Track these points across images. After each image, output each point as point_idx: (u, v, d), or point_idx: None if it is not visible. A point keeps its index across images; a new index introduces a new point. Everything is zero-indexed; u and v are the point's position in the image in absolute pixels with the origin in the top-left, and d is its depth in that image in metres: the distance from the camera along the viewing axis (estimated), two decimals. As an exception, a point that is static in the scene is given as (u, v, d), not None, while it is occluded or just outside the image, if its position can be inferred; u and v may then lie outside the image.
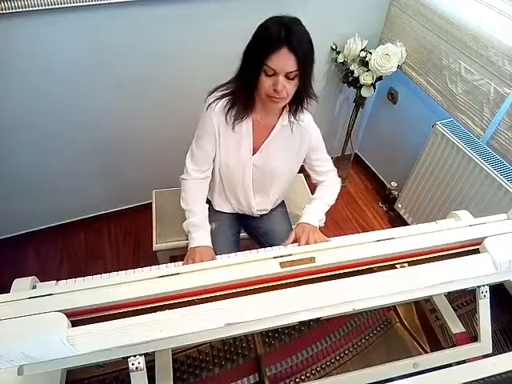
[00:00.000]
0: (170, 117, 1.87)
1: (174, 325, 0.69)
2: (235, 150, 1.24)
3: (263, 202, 1.43)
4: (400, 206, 2.20)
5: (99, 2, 1.39)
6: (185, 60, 1.68)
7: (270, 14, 1.09)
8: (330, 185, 1.38)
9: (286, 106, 1.18)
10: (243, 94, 1.14)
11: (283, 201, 1.57)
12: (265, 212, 1.48)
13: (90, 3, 1.39)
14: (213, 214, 1.44)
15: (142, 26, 1.54)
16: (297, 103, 1.17)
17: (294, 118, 1.20)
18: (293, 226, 1.35)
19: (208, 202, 1.45)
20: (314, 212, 1.30)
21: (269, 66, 1.02)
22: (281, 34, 0.99)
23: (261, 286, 0.84)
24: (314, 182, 1.42)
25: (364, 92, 1.98)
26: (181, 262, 1.16)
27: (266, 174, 1.31)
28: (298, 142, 1.27)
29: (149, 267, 1.05)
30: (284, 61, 1.02)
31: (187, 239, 1.52)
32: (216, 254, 1.20)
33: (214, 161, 1.27)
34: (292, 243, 1.19)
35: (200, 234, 1.23)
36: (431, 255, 0.94)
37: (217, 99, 1.17)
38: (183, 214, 1.28)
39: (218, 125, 1.18)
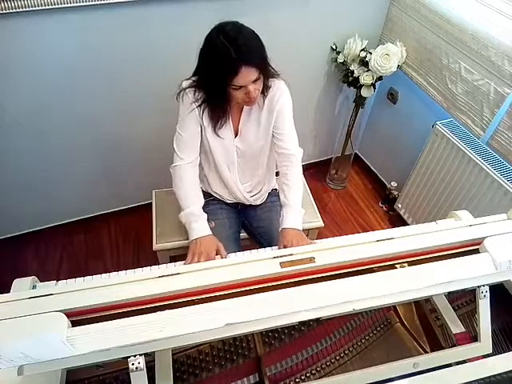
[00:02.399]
0: (170, 117, 1.87)
1: (174, 325, 0.69)
2: (217, 138, 1.26)
3: (254, 185, 1.43)
4: (400, 205, 2.20)
5: (100, 2, 1.39)
6: (186, 61, 1.68)
7: (267, 14, 1.09)
8: (294, 171, 1.30)
9: None
10: (218, 107, 1.17)
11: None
12: (259, 198, 1.48)
13: (91, 3, 1.38)
14: (212, 212, 1.44)
15: (144, 26, 1.54)
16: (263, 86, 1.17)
17: (262, 93, 1.20)
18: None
19: (207, 195, 1.45)
20: (297, 214, 1.26)
21: (235, 85, 1.06)
22: (232, 54, 1.00)
23: (261, 285, 0.84)
24: (277, 163, 1.35)
25: (364, 92, 1.98)
26: (180, 262, 1.16)
27: (250, 154, 1.33)
28: (267, 110, 1.26)
29: (149, 267, 1.05)
30: (246, 76, 1.04)
31: (187, 239, 1.53)
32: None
33: (201, 144, 1.28)
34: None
35: (201, 224, 1.22)
36: (431, 255, 0.94)
37: (191, 88, 1.19)
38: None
39: (197, 107, 1.20)
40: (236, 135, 1.29)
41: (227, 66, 1.02)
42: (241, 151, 1.31)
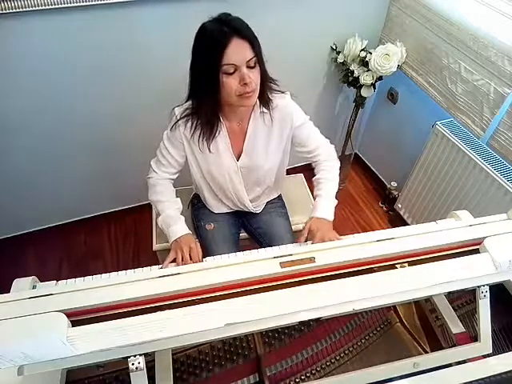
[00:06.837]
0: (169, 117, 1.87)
1: (174, 325, 0.69)
2: (215, 161, 1.24)
3: (258, 197, 1.42)
4: (400, 205, 2.20)
5: (99, 2, 1.39)
6: (184, 61, 1.69)
7: (267, 14, 1.09)
8: (331, 170, 1.30)
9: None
10: (208, 111, 1.12)
11: (283, 202, 1.57)
12: (262, 205, 1.48)
13: (91, 3, 1.38)
14: (211, 214, 1.44)
15: (143, 26, 1.54)
16: (262, 92, 1.13)
17: (267, 108, 1.18)
18: (301, 225, 1.32)
19: (203, 205, 1.46)
20: (329, 204, 1.23)
21: (228, 64, 0.99)
22: (223, 28, 0.99)
23: (261, 285, 0.84)
24: (313, 167, 1.34)
25: (364, 92, 1.98)
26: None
27: (256, 172, 1.31)
28: (279, 128, 1.23)
29: (149, 267, 1.05)
30: (240, 50, 0.99)
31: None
32: (215, 254, 1.19)
33: (200, 171, 1.27)
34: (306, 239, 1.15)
35: (179, 226, 1.19)
36: (431, 255, 0.94)
37: (184, 116, 1.17)
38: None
39: (186, 140, 1.19)
40: (239, 156, 1.25)
41: (219, 38, 0.98)
42: (245, 170, 1.28)
